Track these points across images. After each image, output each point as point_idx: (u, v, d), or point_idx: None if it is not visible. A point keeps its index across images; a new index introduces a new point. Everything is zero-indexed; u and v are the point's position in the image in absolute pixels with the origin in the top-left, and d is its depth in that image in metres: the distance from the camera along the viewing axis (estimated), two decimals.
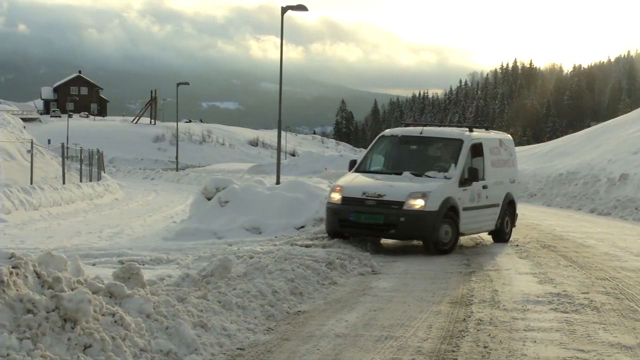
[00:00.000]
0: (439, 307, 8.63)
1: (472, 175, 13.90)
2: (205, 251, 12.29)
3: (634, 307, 8.69)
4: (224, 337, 6.85)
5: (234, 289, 8.30)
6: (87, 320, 5.69)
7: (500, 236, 15.18)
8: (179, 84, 66.84)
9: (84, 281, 6.41)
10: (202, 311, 7.22)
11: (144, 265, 10.89)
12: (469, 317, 8.09)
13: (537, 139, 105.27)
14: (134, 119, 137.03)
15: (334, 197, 13.75)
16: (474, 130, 15.18)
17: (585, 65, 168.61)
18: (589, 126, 64.35)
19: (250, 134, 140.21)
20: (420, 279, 10.61)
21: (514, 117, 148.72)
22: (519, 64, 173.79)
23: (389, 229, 13.20)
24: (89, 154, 39.57)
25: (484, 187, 14.39)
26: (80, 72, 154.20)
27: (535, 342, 7.06)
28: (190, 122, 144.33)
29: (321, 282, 9.94)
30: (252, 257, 10.41)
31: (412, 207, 13.03)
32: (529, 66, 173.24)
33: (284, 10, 26.89)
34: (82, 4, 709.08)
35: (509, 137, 16.59)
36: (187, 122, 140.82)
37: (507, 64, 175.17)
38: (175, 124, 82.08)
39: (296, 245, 12.84)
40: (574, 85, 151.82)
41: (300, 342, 6.94)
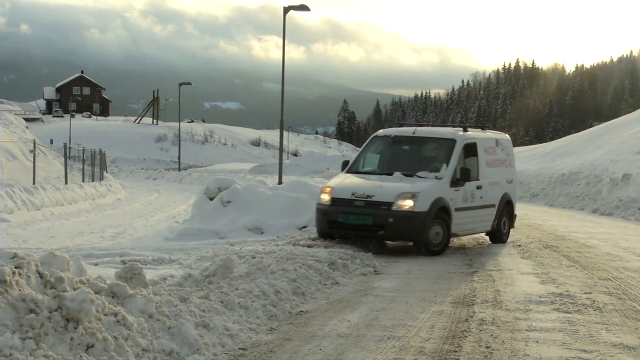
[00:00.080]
0: (442, 307, 8.63)
1: (465, 175, 13.71)
2: (207, 251, 12.30)
3: (636, 308, 8.68)
4: (226, 337, 6.85)
5: (236, 289, 8.30)
6: (90, 320, 5.70)
7: (497, 237, 15.00)
8: (181, 84, 66.88)
9: (87, 281, 6.41)
10: (204, 311, 7.22)
11: (147, 265, 10.90)
12: (472, 317, 8.09)
13: (540, 139, 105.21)
14: (136, 119, 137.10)
15: (324, 198, 13.62)
16: (468, 130, 15.00)
17: (587, 65, 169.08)
18: (592, 126, 64.34)
19: (252, 134, 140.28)
20: (422, 279, 10.61)
21: (516, 117, 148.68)
22: (521, 64, 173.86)
23: (377, 230, 13.01)
24: (92, 154, 39.63)
25: (478, 188, 14.23)
26: (82, 72, 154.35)
27: (537, 342, 7.05)
28: (192, 122, 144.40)
29: (323, 282, 9.94)
30: (254, 257, 10.41)
31: (401, 208, 12.86)
32: (531, 66, 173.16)
33: (286, 10, 26.87)
34: (84, 4, 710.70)
35: (507, 136, 16.40)
36: (189, 122, 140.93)
37: (510, 64, 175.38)
38: (177, 124, 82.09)
39: (298, 245, 12.84)
40: (576, 85, 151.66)
41: (302, 342, 6.94)
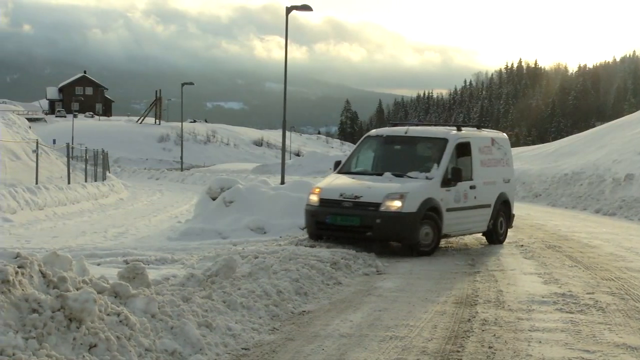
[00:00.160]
0: (444, 307, 8.63)
1: (456, 175, 13.48)
2: (210, 251, 12.31)
3: (639, 308, 8.67)
4: (228, 337, 6.86)
5: (239, 289, 8.31)
6: (92, 319, 5.70)
7: (493, 237, 14.81)
8: (183, 84, 66.91)
9: (89, 281, 6.42)
10: (206, 311, 7.22)
11: (149, 265, 10.91)
12: (474, 317, 8.08)
13: (542, 139, 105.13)
14: (138, 119, 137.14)
15: (312, 199, 13.49)
16: (462, 129, 14.77)
17: (590, 65, 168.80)
18: (594, 126, 64.28)
19: (254, 134, 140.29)
20: (424, 279, 10.60)
21: (518, 117, 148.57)
22: (523, 64, 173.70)
23: (365, 231, 12.84)
24: (94, 154, 39.68)
25: (471, 187, 14.03)
26: (85, 72, 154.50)
27: (540, 342, 7.05)
28: (194, 122, 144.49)
29: (326, 282, 9.94)
30: (256, 257, 10.41)
31: (389, 209, 12.69)
32: (533, 66, 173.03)
33: (289, 10, 26.88)
34: (86, 4, 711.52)
35: (504, 135, 16.12)
36: (191, 122, 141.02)
37: (512, 64, 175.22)
38: (179, 124, 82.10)
39: (301, 245, 12.84)
40: (579, 85, 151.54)
41: (304, 342, 6.95)
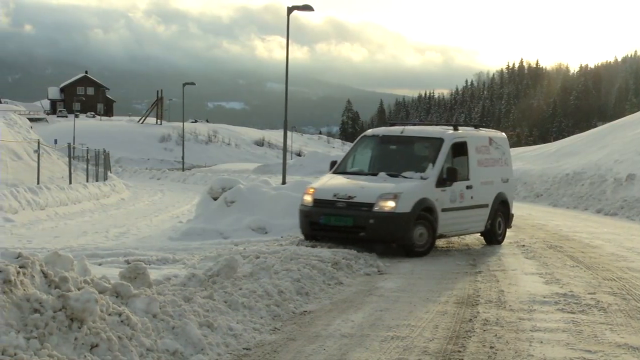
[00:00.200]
0: (445, 307, 8.62)
1: (452, 175, 13.40)
2: (211, 251, 12.31)
3: None
4: (230, 337, 6.86)
5: (240, 289, 8.31)
6: (94, 319, 5.71)
7: (491, 237, 14.72)
8: (184, 84, 66.92)
9: (91, 281, 6.42)
10: (208, 311, 7.22)
11: (150, 265, 10.91)
12: (475, 317, 8.08)
13: (544, 139, 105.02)
14: (140, 119, 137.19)
15: (306, 199, 13.42)
16: (458, 128, 14.67)
17: (591, 65, 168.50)
18: (596, 126, 64.19)
19: (256, 134, 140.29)
20: (426, 279, 10.60)
21: (520, 117, 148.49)
22: (525, 64, 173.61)
23: (358, 232, 12.77)
24: (96, 154, 39.70)
25: (468, 187, 13.95)
26: (86, 72, 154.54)
27: (541, 342, 7.04)
28: (196, 122, 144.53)
29: (327, 282, 9.94)
30: (258, 257, 10.42)
31: (382, 209, 12.61)
32: (535, 66, 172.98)
33: (290, 10, 26.86)
34: (87, 4, 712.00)
35: (502, 135, 15.99)
36: (193, 122, 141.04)
37: (513, 64, 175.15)
38: (181, 124, 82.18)
39: (302, 245, 12.84)
40: (580, 85, 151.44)
41: (306, 342, 6.94)
